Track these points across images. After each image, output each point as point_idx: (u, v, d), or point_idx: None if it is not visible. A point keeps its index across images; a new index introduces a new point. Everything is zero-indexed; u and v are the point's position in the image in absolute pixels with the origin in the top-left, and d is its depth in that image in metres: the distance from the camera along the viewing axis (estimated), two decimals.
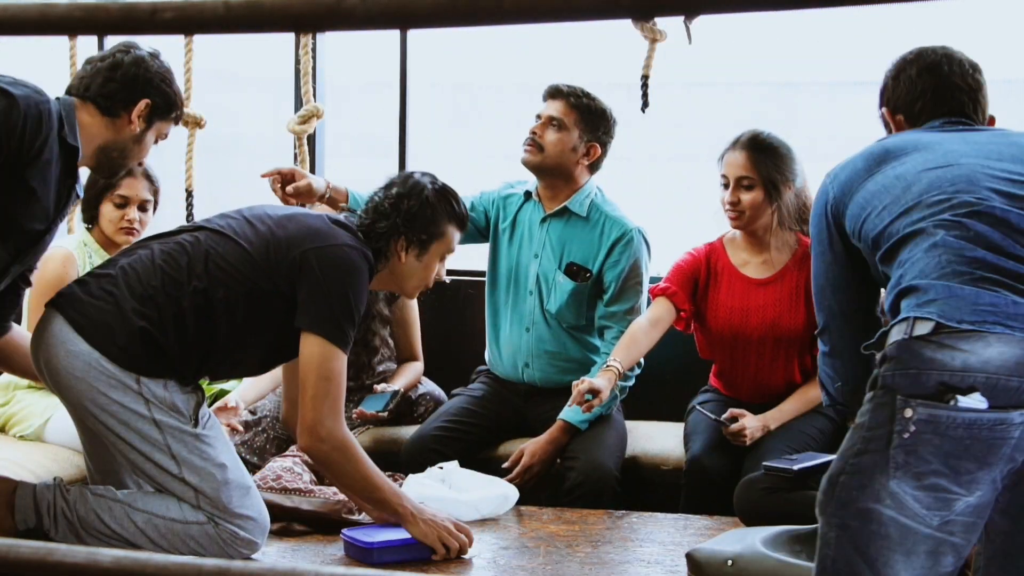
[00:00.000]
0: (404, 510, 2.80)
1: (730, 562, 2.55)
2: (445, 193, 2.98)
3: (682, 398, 3.79)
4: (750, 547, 2.57)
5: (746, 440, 3.38)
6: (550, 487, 3.53)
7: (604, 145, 3.68)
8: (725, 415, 3.43)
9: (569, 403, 3.28)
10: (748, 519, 3.04)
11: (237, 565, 0.79)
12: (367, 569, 2.77)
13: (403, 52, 4.49)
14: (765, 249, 3.54)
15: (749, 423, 3.40)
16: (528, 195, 3.78)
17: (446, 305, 4.35)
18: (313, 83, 4.01)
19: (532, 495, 3.43)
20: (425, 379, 4.06)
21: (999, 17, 4.47)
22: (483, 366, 3.94)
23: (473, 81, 5.74)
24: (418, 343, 4.08)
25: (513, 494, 3.26)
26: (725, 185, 3.48)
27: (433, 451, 3.53)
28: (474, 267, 4.18)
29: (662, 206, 5.19)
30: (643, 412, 3.95)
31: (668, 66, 3.56)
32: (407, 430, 3.78)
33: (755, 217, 3.47)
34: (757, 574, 2.52)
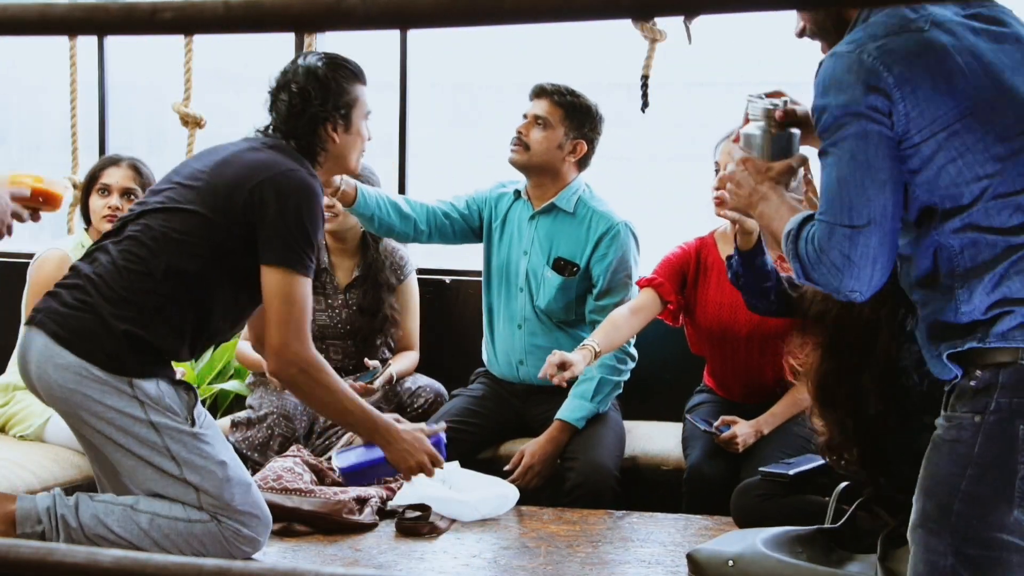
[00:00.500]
0: (378, 435, 2.81)
1: (731, 562, 2.55)
2: (334, 61, 2.95)
3: (680, 399, 3.80)
4: (751, 547, 2.57)
5: (739, 447, 3.37)
6: (550, 487, 3.53)
7: (591, 142, 3.70)
8: (717, 423, 3.43)
9: (540, 373, 3.26)
10: (745, 526, 3.03)
11: (237, 565, 0.79)
12: (367, 569, 2.77)
13: (403, 52, 4.49)
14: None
15: (741, 430, 3.40)
16: (517, 194, 3.80)
17: (445, 305, 4.35)
18: None
19: (532, 495, 3.43)
20: (423, 375, 4.08)
21: None
22: (482, 368, 3.95)
23: (473, 81, 5.73)
24: (415, 332, 4.11)
25: (513, 494, 3.26)
26: (716, 173, 3.47)
27: None
28: (474, 267, 4.18)
29: (662, 206, 5.18)
30: (642, 412, 3.95)
31: (668, 66, 3.56)
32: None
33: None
34: (758, 574, 2.52)
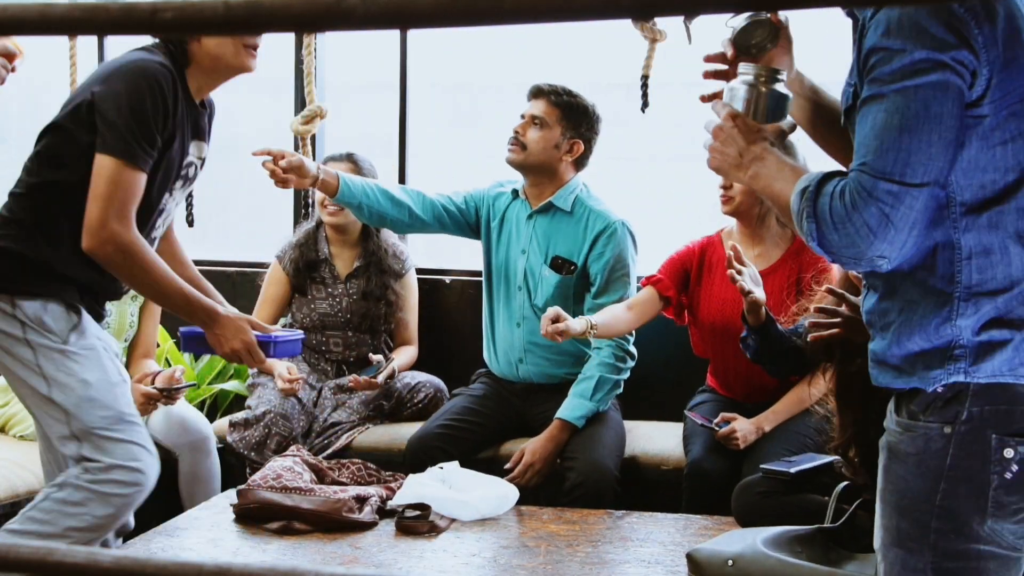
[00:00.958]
0: (197, 319, 2.80)
1: (731, 562, 2.55)
2: None
3: (681, 398, 3.80)
4: (751, 547, 2.57)
5: (739, 444, 3.38)
6: (550, 487, 3.53)
7: (588, 141, 3.71)
8: (716, 419, 3.44)
9: (542, 330, 3.29)
10: (745, 523, 3.03)
11: (237, 565, 0.79)
12: (367, 568, 2.77)
13: (403, 52, 4.49)
14: (760, 242, 3.56)
15: (741, 426, 3.40)
16: (515, 193, 3.81)
17: (445, 305, 4.36)
18: (314, 83, 4.01)
19: (532, 495, 3.43)
20: (420, 372, 4.10)
21: None
22: (482, 368, 3.95)
23: (473, 81, 5.74)
24: (414, 327, 4.15)
25: (513, 494, 3.26)
26: None
27: (434, 451, 3.55)
28: (473, 267, 4.19)
29: (663, 206, 5.19)
30: (642, 412, 3.95)
31: (668, 66, 3.56)
32: (408, 429, 3.78)
33: (745, 203, 3.48)
34: (758, 574, 2.52)
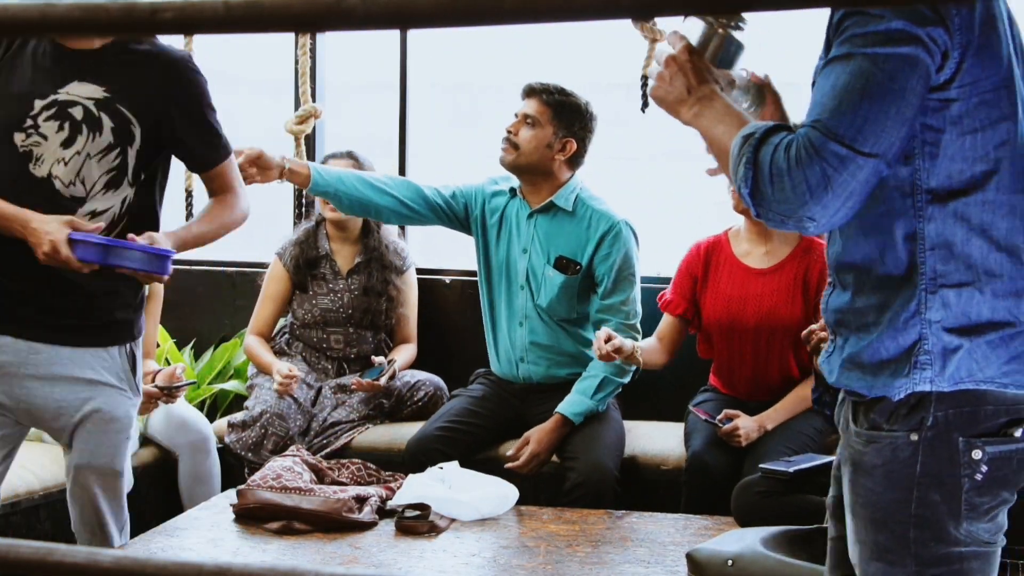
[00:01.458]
0: (15, 231, 2.49)
1: (730, 562, 2.55)
2: None
3: (681, 398, 3.80)
4: (750, 547, 2.57)
5: (741, 441, 3.38)
6: (550, 487, 3.53)
7: (582, 140, 3.71)
8: (720, 416, 3.44)
9: (595, 351, 3.39)
10: (745, 523, 3.04)
11: (237, 565, 0.79)
12: (367, 568, 2.78)
13: (403, 52, 4.49)
14: (768, 240, 3.58)
15: (743, 423, 3.41)
16: (513, 192, 3.81)
17: (445, 305, 4.36)
18: (312, 83, 4.01)
19: (532, 495, 3.44)
20: (420, 370, 4.11)
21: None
22: (482, 368, 3.95)
23: (473, 81, 5.74)
24: (414, 324, 4.17)
25: (513, 494, 3.26)
26: None
27: (434, 451, 3.55)
28: (473, 267, 4.19)
29: (662, 206, 5.19)
30: (642, 412, 3.95)
31: None
32: (408, 429, 3.79)
33: None
34: (757, 574, 2.52)
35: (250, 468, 3.66)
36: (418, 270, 4.26)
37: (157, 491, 3.76)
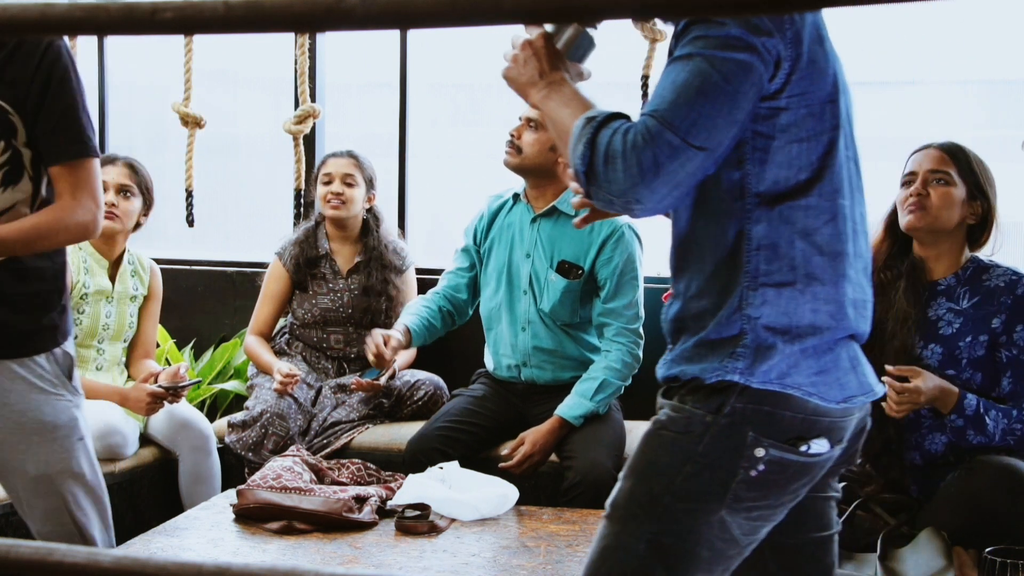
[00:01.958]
0: None
1: None
2: None
3: None
4: None
5: None
6: (549, 487, 3.53)
7: None
8: None
9: None
10: None
11: (237, 565, 0.79)
12: (367, 568, 2.78)
13: (403, 52, 4.49)
14: None
15: None
16: (516, 197, 3.82)
17: None
18: (311, 83, 4.02)
19: (532, 495, 3.44)
20: (420, 370, 4.11)
21: (999, 17, 4.47)
22: (482, 368, 3.96)
23: (473, 81, 5.73)
24: None
25: (513, 494, 3.26)
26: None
27: (434, 451, 3.55)
28: None
29: None
30: (642, 412, 3.95)
31: None
32: (408, 429, 3.79)
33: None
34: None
35: (250, 468, 3.67)
36: (418, 270, 4.27)
37: (157, 491, 3.77)
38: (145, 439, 3.77)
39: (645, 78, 3.58)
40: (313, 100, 3.99)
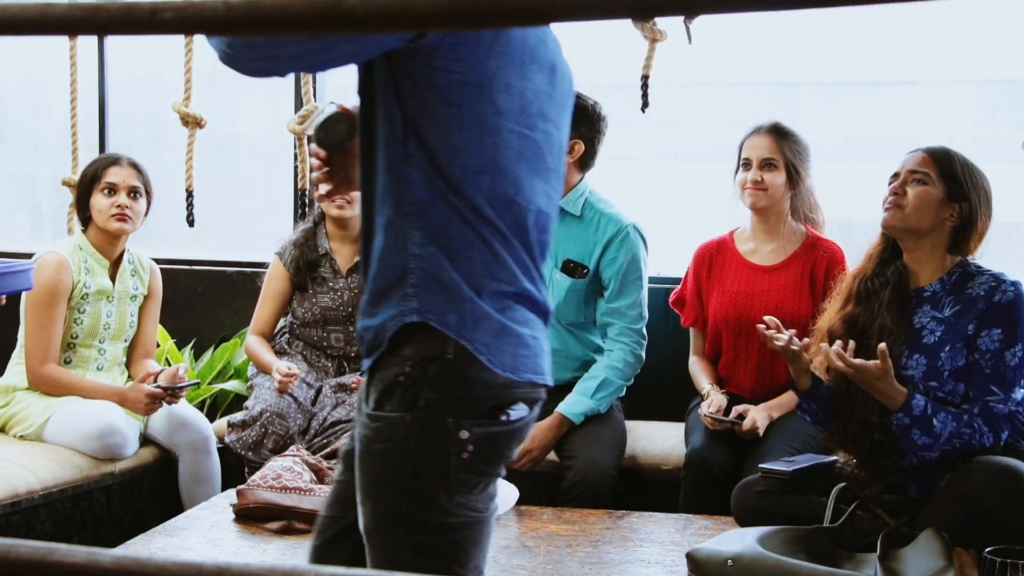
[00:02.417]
0: None
1: (730, 562, 2.55)
2: None
3: (682, 398, 3.80)
4: (750, 547, 2.58)
5: (759, 432, 3.41)
6: (548, 486, 3.53)
7: (590, 141, 3.70)
8: (732, 415, 3.45)
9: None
10: (744, 523, 3.04)
11: (237, 565, 0.79)
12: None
13: None
14: (776, 237, 3.64)
15: (757, 415, 3.43)
16: None
17: None
18: (314, 83, 4.01)
19: (532, 495, 3.43)
20: None
21: (999, 17, 4.47)
22: None
23: None
24: None
25: (513, 494, 3.26)
26: (745, 167, 3.58)
27: None
28: None
29: (662, 206, 5.18)
30: (643, 412, 3.95)
31: (668, 66, 3.56)
32: None
33: (775, 196, 3.56)
34: (757, 574, 2.52)
35: (250, 468, 3.66)
36: None
37: (157, 491, 3.77)
38: (145, 439, 3.77)
39: (645, 78, 3.57)
40: (315, 100, 3.98)
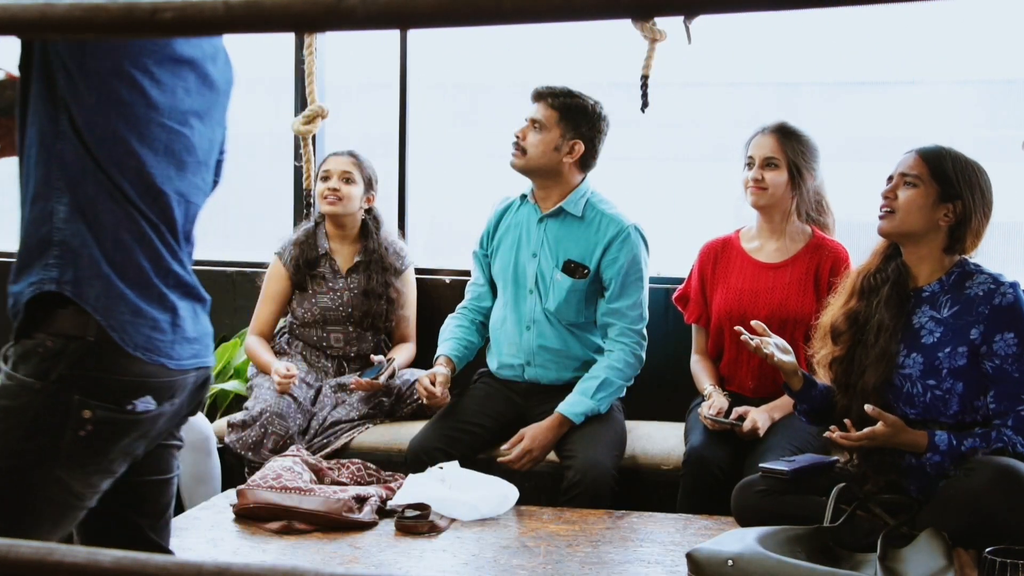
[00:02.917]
0: None
1: (730, 562, 2.55)
2: None
3: (682, 398, 3.80)
4: (750, 547, 2.58)
5: (759, 432, 3.41)
6: (548, 486, 3.53)
7: (591, 141, 3.71)
8: (732, 416, 3.45)
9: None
10: (744, 523, 3.04)
11: (237, 565, 0.79)
12: (367, 568, 2.78)
13: (403, 52, 4.49)
14: (781, 236, 3.65)
15: (758, 416, 3.43)
16: (523, 197, 3.82)
17: (446, 305, 4.35)
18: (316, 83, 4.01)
19: (532, 495, 3.43)
20: (419, 369, 4.11)
21: (999, 17, 4.47)
22: (483, 368, 3.95)
23: (473, 81, 5.73)
24: (412, 325, 4.19)
25: (513, 494, 3.26)
26: (749, 167, 3.59)
27: (436, 451, 3.55)
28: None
29: (662, 206, 5.18)
30: (643, 412, 3.95)
31: (668, 66, 3.56)
32: (409, 430, 3.78)
33: (777, 195, 3.58)
34: (757, 574, 2.52)
35: (250, 468, 3.66)
36: (417, 270, 4.27)
37: None
38: None
39: (645, 78, 3.57)
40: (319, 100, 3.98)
